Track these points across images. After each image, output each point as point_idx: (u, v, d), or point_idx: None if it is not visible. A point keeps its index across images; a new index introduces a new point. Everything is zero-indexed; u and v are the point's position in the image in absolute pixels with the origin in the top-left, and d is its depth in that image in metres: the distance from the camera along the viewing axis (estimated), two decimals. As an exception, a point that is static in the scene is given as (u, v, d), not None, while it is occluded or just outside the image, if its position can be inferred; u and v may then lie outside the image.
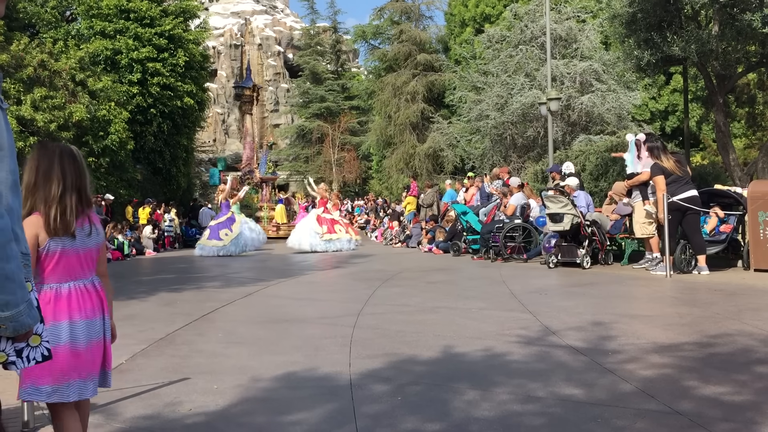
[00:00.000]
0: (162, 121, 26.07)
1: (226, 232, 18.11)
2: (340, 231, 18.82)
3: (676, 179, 9.99)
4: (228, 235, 18.06)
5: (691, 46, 14.84)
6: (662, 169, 10.01)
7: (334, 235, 18.50)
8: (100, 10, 25.31)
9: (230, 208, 18.73)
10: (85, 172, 3.17)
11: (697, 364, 4.72)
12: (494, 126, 25.85)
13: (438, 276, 11.48)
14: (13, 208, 2.01)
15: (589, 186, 15.45)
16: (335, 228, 18.77)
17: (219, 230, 18.26)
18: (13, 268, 1.94)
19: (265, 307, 8.42)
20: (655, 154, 10.16)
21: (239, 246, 18.12)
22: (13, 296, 1.95)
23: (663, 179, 9.98)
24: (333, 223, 18.87)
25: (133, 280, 12.80)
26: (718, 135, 18.39)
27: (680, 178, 10.02)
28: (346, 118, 47.53)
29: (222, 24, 57.46)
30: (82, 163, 3.19)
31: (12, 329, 2.01)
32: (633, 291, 8.94)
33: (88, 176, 3.22)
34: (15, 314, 1.97)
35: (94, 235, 3.16)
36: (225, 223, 18.35)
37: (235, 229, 18.19)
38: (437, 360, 5.13)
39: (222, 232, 18.18)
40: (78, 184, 3.10)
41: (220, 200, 19.26)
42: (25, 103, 18.60)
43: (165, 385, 4.63)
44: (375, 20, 41.12)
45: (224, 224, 18.34)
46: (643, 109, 31.00)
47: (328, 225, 18.66)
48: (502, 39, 27.95)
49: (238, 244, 18.13)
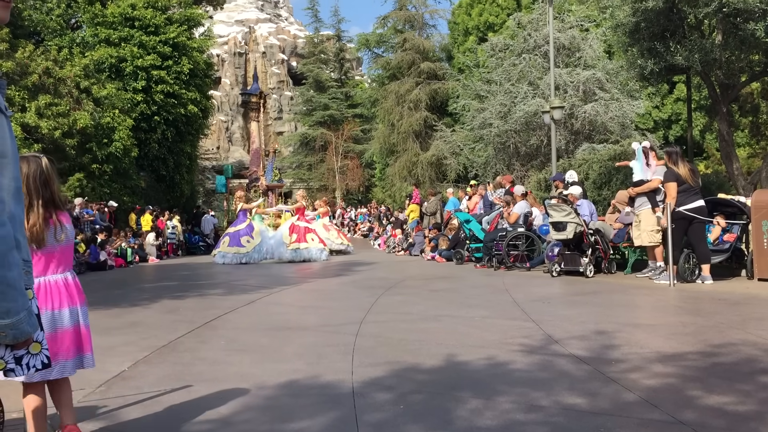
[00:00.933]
0: (166, 129, 26.13)
1: (248, 239, 18.02)
2: (312, 240, 18.52)
3: (687, 188, 9.96)
4: (250, 242, 17.98)
5: (694, 55, 14.86)
6: (676, 176, 9.99)
7: (302, 244, 18.18)
8: (105, 18, 25.42)
9: (248, 216, 18.65)
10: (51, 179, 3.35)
11: (700, 374, 4.70)
12: (497, 134, 25.85)
13: (441, 284, 11.47)
14: (15, 215, 2.01)
15: (592, 195, 15.44)
16: (307, 237, 18.46)
17: (240, 237, 18.17)
18: (14, 276, 1.93)
19: (268, 314, 8.41)
20: (672, 159, 10.13)
21: (261, 253, 18.02)
22: (14, 304, 1.95)
23: (675, 186, 9.96)
24: (306, 231, 18.59)
25: (136, 287, 12.81)
26: (721, 144, 18.39)
27: (691, 188, 10.00)
28: (349, 126, 47.60)
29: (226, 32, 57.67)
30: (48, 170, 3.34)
31: (12, 337, 2.00)
32: (636, 300, 8.92)
33: (56, 180, 3.46)
34: (15, 322, 1.97)
35: (60, 234, 3.42)
36: (245, 231, 18.27)
37: (256, 236, 18.13)
38: (440, 368, 5.12)
39: (243, 239, 18.09)
40: (44, 195, 3.27)
41: (239, 209, 19.09)
42: (30, 110, 18.68)
43: (167, 392, 4.62)
44: (379, 29, 41.23)
45: (245, 231, 18.26)
46: (646, 118, 30.99)
47: (299, 234, 18.46)
48: (506, 48, 28.00)
49: (261, 251, 18.04)
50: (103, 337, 6.33)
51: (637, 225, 11.19)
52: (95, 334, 3.97)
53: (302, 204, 19.46)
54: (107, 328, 7.09)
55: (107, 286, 12.52)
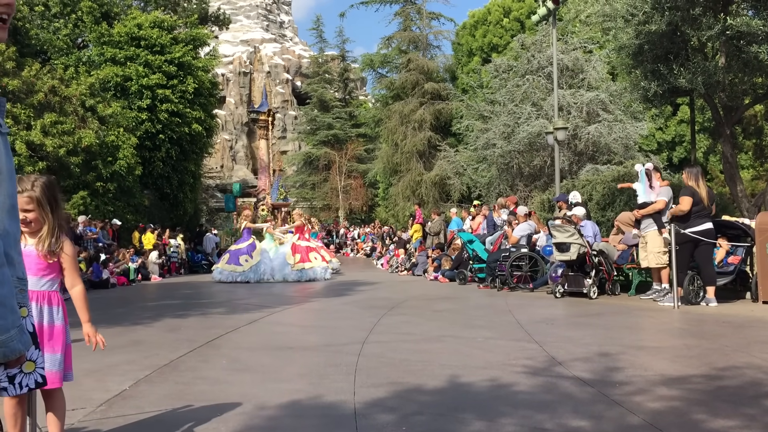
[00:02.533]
0: (170, 147, 26.23)
1: (246, 258, 17.98)
2: (316, 259, 18.52)
3: (700, 210, 9.93)
4: (248, 261, 17.93)
5: (697, 77, 14.89)
6: (693, 192, 9.98)
7: (307, 264, 18.16)
8: (111, 38, 25.64)
9: (251, 235, 18.60)
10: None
11: (705, 397, 4.66)
12: (501, 155, 25.92)
13: (444, 305, 11.43)
14: (9, 232, 1.99)
15: (596, 216, 15.42)
16: (310, 256, 18.45)
17: (239, 255, 18.16)
18: (4, 293, 1.91)
19: (270, 334, 8.38)
20: (693, 177, 10.14)
21: (258, 273, 17.88)
22: (3, 321, 1.92)
23: (690, 201, 9.93)
24: (308, 250, 18.57)
25: (139, 305, 12.79)
26: (725, 166, 18.38)
27: (703, 209, 9.98)
28: (353, 145, 47.77)
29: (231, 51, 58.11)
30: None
31: (2, 355, 1.97)
32: (640, 322, 8.87)
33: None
34: (5, 339, 1.94)
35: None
36: (246, 250, 18.24)
37: (255, 256, 18.04)
38: (442, 389, 5.08)
39: (242, 257, 18.07)
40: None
41: (243, 227, 19.09)
42: (35, 128, 18.76)
43: (168, 412, 4.59)
44: (383, 49, 41.50)
45: (245, 250, 18.23)
46: (650, 140, 31.04)
47: (302, 253, 18.41)
48: (509, 69, 28.15)
49: (257, 272, 17.92)
50: (104, 356, 6.31)
51: (643, 246, 11.17)
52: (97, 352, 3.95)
53: (301, 222, 19.44)
54: (109, 347, 7.02)
55: (110, 304, 12.50)
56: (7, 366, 2.09)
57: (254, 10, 66.71)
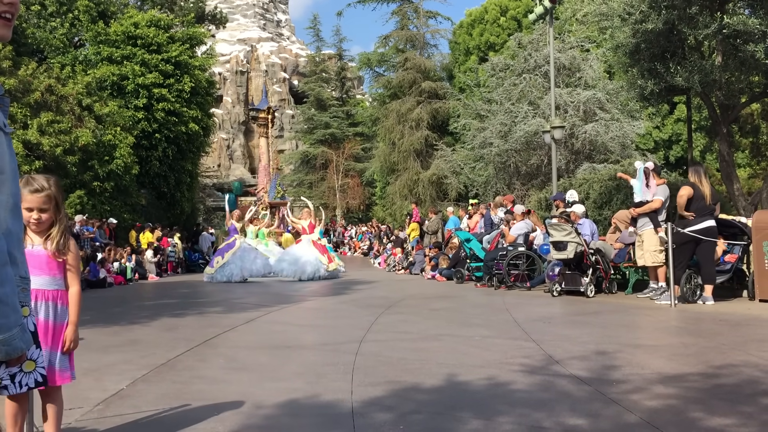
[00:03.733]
0: (167, 146, 26.18)
1: (219, 260, 17.87)
2: (334, 258, 18.59)
3: (702, 207, 9.95)
4: (218, 263, 17.84)
5: (694, 76, 14.90)
6: (693, 185, 10.02)
7: (331, 265, 18.18)
8: (107, 37, 25.57)
9: (236, 233, 18.51)
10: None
11: (702, 395, 4.67)
12: (498, 153, 25.92)
13: (441, 303, 11.43)
14: (12, 231, 1.99)
15: (592, 214, 15.43)
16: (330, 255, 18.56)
17: (215, 257, 18.19)
18: (7, 292, 1.92)
19: (267, 333, 8.38)
20: (698, 175, 10.17)
21: (224, 275, 17.52)
22: (5, 319, 1.93)
23: (688, 191, 9.95)
24: (324, 249, 18.62)
25: (136, 304, 12.77)
26: (722, 164, 18.40)
27: (706, 207, 10.00)
28: (350, 144, 47.76)
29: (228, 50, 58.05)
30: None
31: (4, 353, 1.98)
32: (637, 320, 8.88)
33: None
34: (7, 338, 1.95)
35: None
36: (222, 250, 18.20)
37: (227, 256, 17.82)
38: (440, 388, 5.09)
39: (216, 258, 18.06)
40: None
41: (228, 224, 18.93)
42: (32, 127, 18.73)
43: (165, 411, 4.59)
44: (380, 48, 41.50)
45: (222, 250, 18.21)
46: (647, 138, 31.09)
47: (327, 253, 18.46)
48: (506, 67, 28.16)
49: (224, 273, 17.57)
50: (101, 355, 6.30)
51: (639, 245, 11.18)
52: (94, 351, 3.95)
53: (311, 220, 19.20)
54: (106, 346, 7.05)
55: (107, 303, 12.48)
56: (8, 364, 2.10)
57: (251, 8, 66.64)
